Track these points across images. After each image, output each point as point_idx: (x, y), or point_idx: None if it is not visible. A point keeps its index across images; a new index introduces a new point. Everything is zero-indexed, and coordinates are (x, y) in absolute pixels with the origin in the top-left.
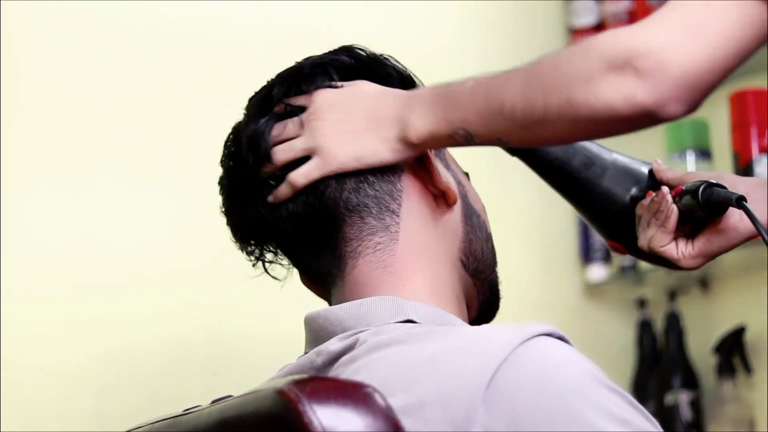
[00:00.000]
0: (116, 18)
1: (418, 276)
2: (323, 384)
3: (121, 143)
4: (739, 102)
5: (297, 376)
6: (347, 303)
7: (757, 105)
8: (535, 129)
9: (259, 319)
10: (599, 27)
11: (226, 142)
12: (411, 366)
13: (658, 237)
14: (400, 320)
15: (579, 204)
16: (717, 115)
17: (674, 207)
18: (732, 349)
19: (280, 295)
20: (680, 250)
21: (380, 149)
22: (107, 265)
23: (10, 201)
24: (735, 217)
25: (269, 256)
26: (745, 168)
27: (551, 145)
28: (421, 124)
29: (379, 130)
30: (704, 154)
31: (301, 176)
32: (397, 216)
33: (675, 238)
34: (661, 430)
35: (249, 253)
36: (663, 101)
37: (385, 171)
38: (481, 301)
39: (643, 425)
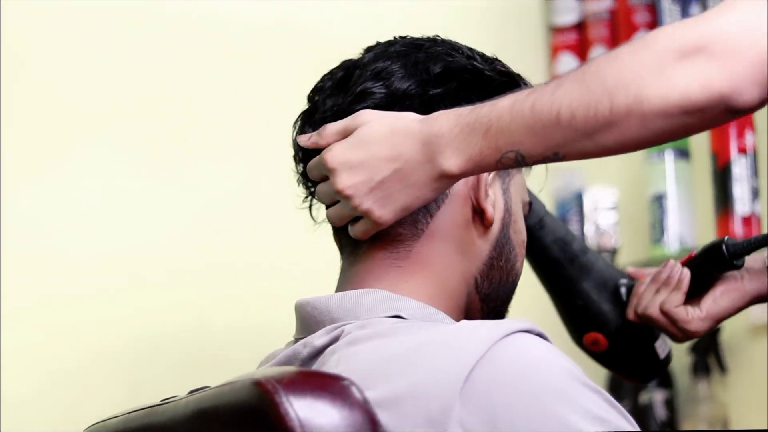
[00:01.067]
0: (115, 17)
1: (425, 277)
2: (300, 376)
3: (117, 139)
4: None
5: (275, 368)
6: (338, 293)
7: None
8: (599, 135)
9: (239, 313)
10: (580, 26)
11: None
12: (389, 359)
13: (672, 298)
14: (389, 315)
15: (569, 290)
16: None
17: (687, 270)
18: (707, 349)
19: (261, 289)
20: (689, 313)
21: (421, 196)
22: (86, 266)
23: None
24: (737, 279)
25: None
26: (723, 168)
27: (612, 154)
28: (460, 160)
29: (412, 186)
30: (683, 154)
31: (360, 233)
32: (431, 216)
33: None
34: (639, 428)
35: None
36: (740, 86)
37: None
38: (481, 318)
39: (620, 423)
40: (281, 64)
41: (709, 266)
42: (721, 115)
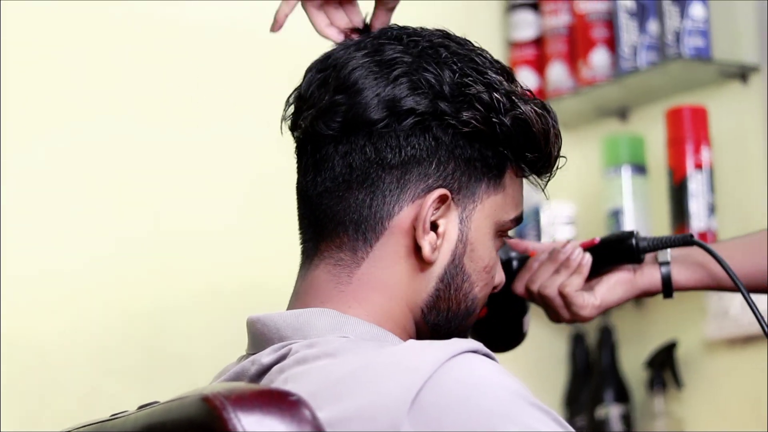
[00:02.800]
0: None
1: (369, 303)
2: (249, 392)
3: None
4: (674, 118)
5: (224, 384)
6: (288, 312)
7: (692, 121)
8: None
9: (196, 326)
10: (539, 41)
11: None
12: (337, 380)
13: (573, 282)
14: (337, 336)
15: None
16: (653, 130)
17: (588, 255)
18: (663, 364)
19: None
20: (585, 298)
21: None
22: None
23: None
24: (630, 270)
25: None
26: (679, 184)
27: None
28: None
29: None
30: (640, 169)
31: None
32: (370, 246)
33: None
34: None
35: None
36: None
37: (382, 204)
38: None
39: None
40: (267, 66)
41: (613, 257)
42: None
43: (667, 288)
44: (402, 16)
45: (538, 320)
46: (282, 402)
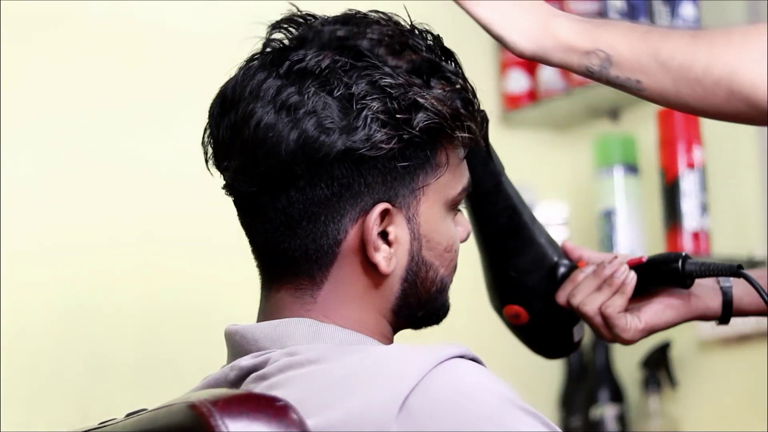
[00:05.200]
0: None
1: (340, 317)
2: (236, 398)
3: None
4: (666, 118)
5: (210, 390)
6: (264, 323)
7: (684, 122)
8: (682, 85)
9: (189, 331)
10: None
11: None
12: (323, 387)
13: (615, 302)
14: (316, 344)
15: (507, 260)
16: (645, 131)
17: (633, 273)
18: (658, 364)
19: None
20: (628, 321)
21: (524, 27)
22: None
23: None
24: (684, 294)
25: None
26: (671, 184)
27: (683, 109)
28: (566, 27)
29: (529, 10)
30: (632, 169)
31: None
32: (327, 272)
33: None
34: None
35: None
36: None
37: (326, 235)
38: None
39: None
40: None
41: (659, 278)
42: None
43: (727, 314)
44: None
45: None
46: (269, 407)
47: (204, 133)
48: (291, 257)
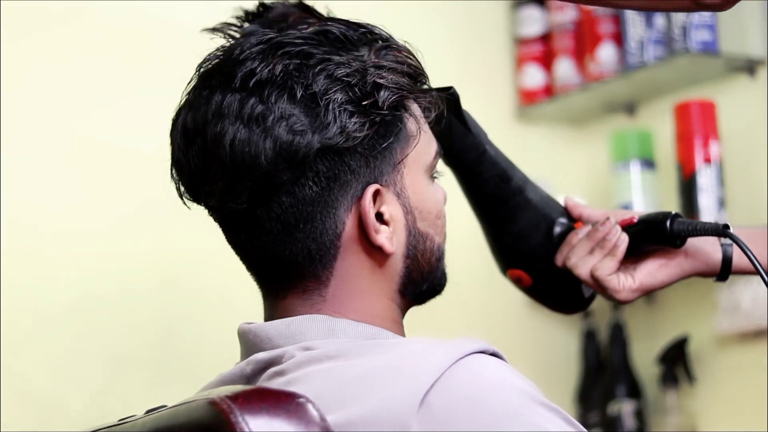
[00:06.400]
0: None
1: (351, 308)
2: (255, 394)
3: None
4: (683, 113)
5: (230, 387)
6: (277, 321)
7: (701, 116)
8: None
9: (207, 329)
10: (546, 37)
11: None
12: (342, 384)
13: (606, 265)
14: (331, 339)
15: (501, 227)
16: (661, 125)
17: (625, 235)
18: (675, 360)
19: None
20: (621, 282)
21: None
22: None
23: None
24: (677, 253)
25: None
26: (688, 179)
27: (609, 3)
28: None
29: None
30: (648, 164)
31: None
32: (331, 267)
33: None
34: None
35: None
36: None
37: (325, 230)
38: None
39: None
40: None
41: (650, 238)
42: (687, 4)
43: (725, 272)
44: (408, 14)
45: (549, 318)
46: (289, 403)
47: (171, 169)
48: (294, 262)
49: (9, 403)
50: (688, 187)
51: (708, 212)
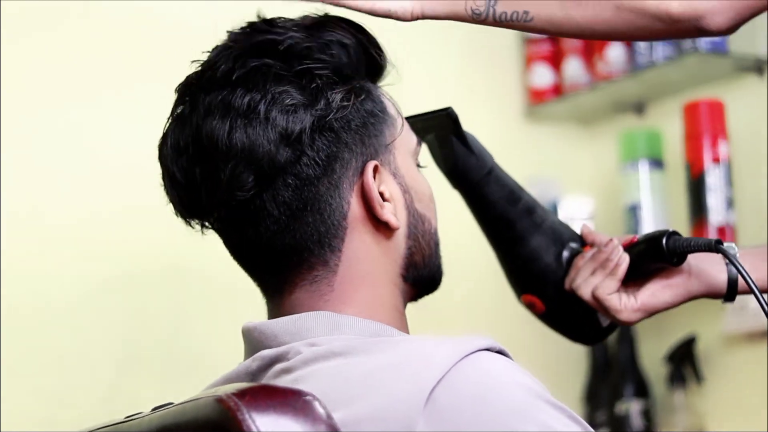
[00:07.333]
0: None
1: (357, 299)
2: (262, 391)
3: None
4: (692, 112)
5: (237, 384)
6: (283, 318)
7: (710, 116)
8: (572, 7)
9: (214, 326)
10: (554, 36)
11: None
12: (348, 382)
13: (606, 284)
14: (336, 335)
15: (510, 250)
16: (670, 125)
17: (626, 255)
18: (683, 359)
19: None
20: (623, 301)
21: None
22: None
23: None
24: (682, 274)
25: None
26: (697, 178)
27: (573, 34)
28: None
29: None
30: (657, 164)
31: None
32: (339, 252)
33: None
34: None
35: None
36: (716, 8)
37: (332, 211)
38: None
39: None
40: None
41: (648, 257)
42: (691, 31)
43: (732, 290)
44: None
45: None
46: (296, 401)
47: (165, 188)
48: (305, 248)
49: (15, 400)
50: (696, 187)
51: (716, 212)
